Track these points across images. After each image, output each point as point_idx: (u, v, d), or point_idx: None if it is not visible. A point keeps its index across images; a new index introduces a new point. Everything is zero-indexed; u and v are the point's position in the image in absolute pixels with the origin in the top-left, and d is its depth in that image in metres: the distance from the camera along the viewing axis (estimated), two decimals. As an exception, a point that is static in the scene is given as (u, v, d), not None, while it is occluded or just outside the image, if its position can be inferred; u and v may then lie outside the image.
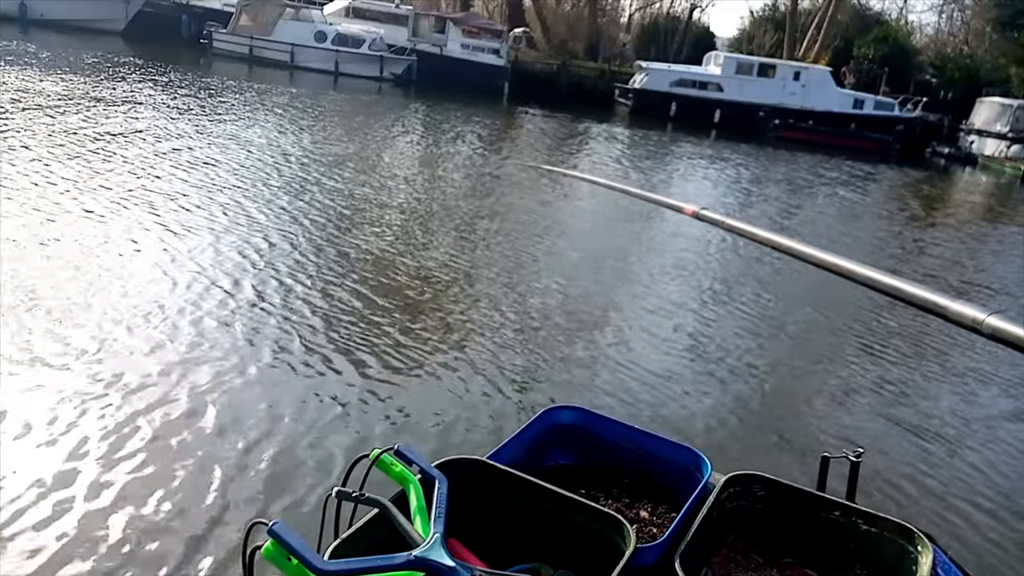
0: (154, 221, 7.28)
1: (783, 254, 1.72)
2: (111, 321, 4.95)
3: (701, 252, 8.98)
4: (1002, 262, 11.80)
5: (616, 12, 42.77)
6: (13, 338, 4.50)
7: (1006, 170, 26.05)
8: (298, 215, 8.27)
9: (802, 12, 37.71)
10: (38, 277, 5.46)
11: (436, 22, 31.64)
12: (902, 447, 4.83)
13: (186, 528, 3.15)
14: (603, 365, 5.43)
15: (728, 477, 2.01)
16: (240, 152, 11.35)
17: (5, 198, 7.16)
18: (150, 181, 8.79)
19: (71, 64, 18.70)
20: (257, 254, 6.75)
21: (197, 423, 3.92)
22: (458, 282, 6.86)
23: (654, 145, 22.07)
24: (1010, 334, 1.18)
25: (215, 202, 8.30)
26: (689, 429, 4.59)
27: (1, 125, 10.43)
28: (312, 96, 21.22)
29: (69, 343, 4.55)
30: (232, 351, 4.78)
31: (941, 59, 35.76)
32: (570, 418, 2.36)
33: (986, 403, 5.75)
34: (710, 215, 2.01)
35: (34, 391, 3.99)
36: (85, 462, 3.46)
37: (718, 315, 6.90)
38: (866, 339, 6.71)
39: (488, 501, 1.89)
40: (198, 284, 5.83)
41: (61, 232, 6.53)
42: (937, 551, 1.85)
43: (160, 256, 6.36)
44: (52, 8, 27.98)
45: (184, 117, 13.91)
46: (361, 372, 4.76)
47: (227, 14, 29.66)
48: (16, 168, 8.31)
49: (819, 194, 16.73)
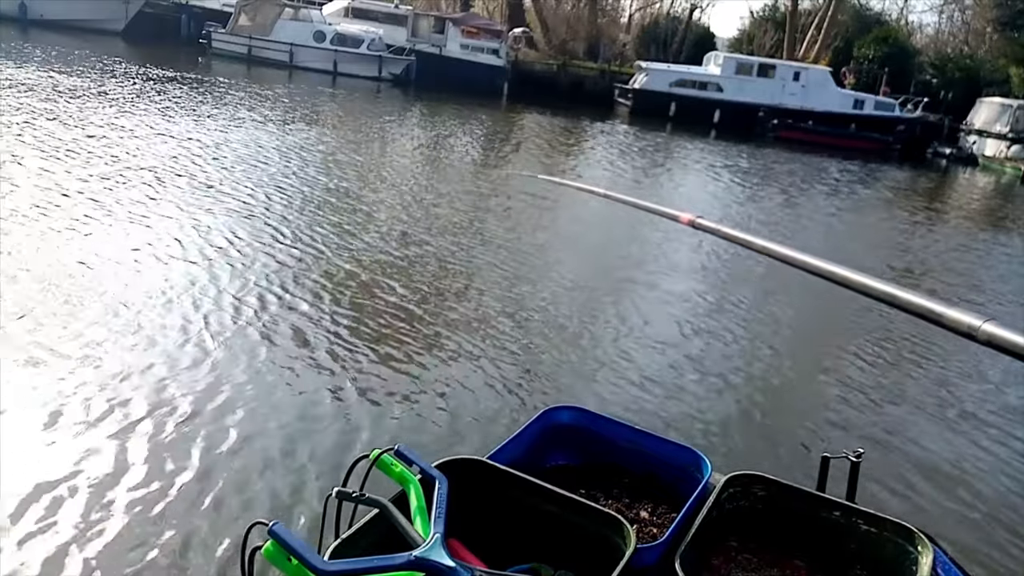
0: (152, 220, 7.28)
1: (779, 262, 1.71)
2: (108, 320, 4.95)
3: (698, 259, 8.97)
4: (1002, 264, 11.80)
5: (616, 12, 42.81)
6: (11, 334, 4.50)
7: (1006, 170, 26.05)
8: (291, 216, 8.27)
9: (802, 12, 37.70)
10: (39, 276, 5.46)
11: (435, 22, 31.63)
12: (902, 447, 4.83)
13: (185, 528, 3.14)
14: (603, 366, 5.43)
15: (728, 477, 2.01)
16: (237, 152, 11.34)
17: (4, 198, 7.16)
18: (145, 180, 8.78)
19: (70, 64, 18.69)
20: (254, 254, 6.74)
21: (197, 423, 3.92)
22: (455, 285, 6.86)
23: (654, 145, 22.06)
24: (1006, 340, 1.18)
25: (209, 201, 8.30)
26: (689, 429, 4.59)
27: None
28: (311, 96, 21.23)
29: (67, 342, 4.55)
30: (231, 351, 4.78)
31: (941, 59, 35.75)
32: (570, 418, 2.35)
33: (985, 405, 5.75)
34: (706, 223, 2.00)
35: (32, 390, 3.98)
36: (85, 462, 3.46)
37: (717, 319, 6.89)
38: (864, 343, 6.71)
39: (488, 501, 1.89)
40: (196, 284, 5.82)
41: (60, 231, 6.53)
42: (937, 551, 1.85)
43: (156, 254, 6.35)
44: (52, 8, 28.00)
45: (183, 117, 13.90)
46: (361, 373, 4.76)
47: (226, 14, 29.66)
48: (15, 167, 8.31)
49: (818, 195, 16.73)
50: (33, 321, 4.75)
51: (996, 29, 35.16)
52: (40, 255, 5.92)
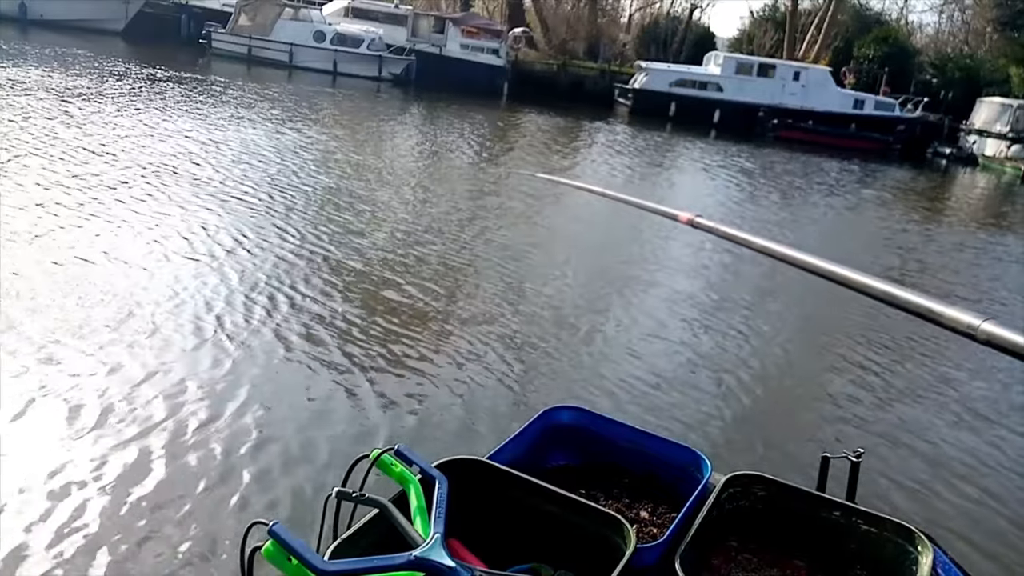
0: (154, 219, 7.28)
1: (778, 261, 1.70)
2: (105, 320, 4.95)
3: (697, 258, 8.98)
4: (1001, 264, 11.80)
5: (616, 12, 42.79)
6: (10, 330, 4.50)
7: (1006, 170, 26.05)
8: (293, 216, 8.27)
9: (802, 12, 37.69)
10: (37, 273, 5.46)
11: (435, 22, 31.63)
12: (902, 447, 4.83)
13: (185, 528, 3.14)
14: (603, 366, 5.43)
15: (728, 477, 2.01)
16: (238, 151, 11.34)
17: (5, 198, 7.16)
18: (146, 179, 8.78)
19: (70, 64, 18.69)
20: (250, 254, 6.74)
21: (196, 423, 3.92)
22: (457, 284, 6.86)
23: (654, 145, 22.06)
24: (1005, 340, 1.17)
25: (211, 200, 8.29)
26: (689, 429, 4.59)
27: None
28: (311, 96, 21.22)
29: (65, 340, 4.55)
30: (231, 352, 4.78)
31: (941, 59, 35.74)
32: (570, 418, 2.35)
33: (984, 404, 5.75)
34: (705, 222, 1.99)
35: (30, 390, 3.99)
36: (84, 462, 3.46)
37: (716, 319, 6.89)
38: (864, 343, 6.71)
39: (488, 501, 1.88)
40: (194, 283, 5.82)
41: (58, 231, 6.53)
42: (937, 551, 1.85)
43: (166, 253, 6.35)
44: (52, 8, 28.01)
45: (183, 116, 13.90)
46: (360, 373, 4.76)
47: (226, 14, 29.66)
48: (14, 168, 8.30)
49: (818, 195, 16.73)
50: (45, 319, 4.75)
51: (996, 29, 35.17)
52: (45, 253, 5.92)
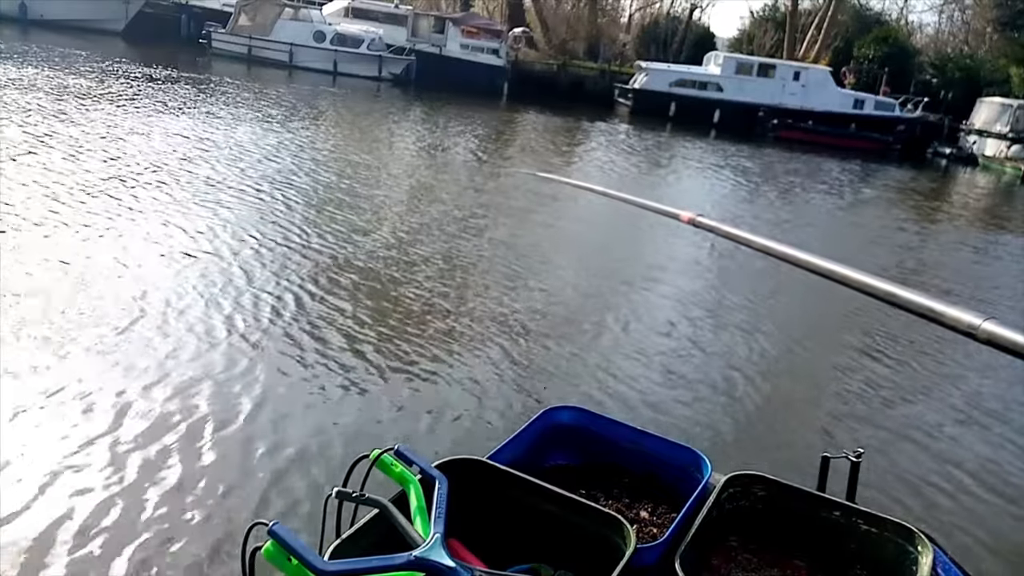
0: (157, 218, 7.28)
1: (779, 260, 1.70)
2: (117, 319, 4.95)
3: (698, 258, 8.98)
4: (1001, 263, 11.80)
5: (616, 12, 42.80)
6: (11, 329, 4.50)
7: (1006, 170, 26.05)
8: (295, 216, 8.27)
9: (802, 12, 37.70)
10: (37, 271, 5.46)
11: (435, 22, 31.63)
12: (902, 447, 4.83)
13: (185, 528, 3.14)
14: (603, 366, 5.42)
15: (728, 477, 2.01)
16: (238, 151, 11.33)
17: (4, 197, 7.16)
18: (147, 179, 8.78)
19: (70, 64, 18.69)
20: (255, 253, 6.74)
21: (196, 422, 3.92)
22: (455, 284, 6.86)
23: (654, 145, 22.06)
24: (1006, 339, 1.17)
25: (211, 200, 8.29)
26: (689, 429, 4.59)
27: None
28: (311, 95, 21.22)
29: (65, 341, 4.56)
30: (230, 352, 4.78)
31: (941, 59, 35.74)
32: (570, 418, 2.35)
33: (984, 404, 5.74)
34: (706, 222, 1.99)
35: (30, 389, 3.99)
36: (83, 462, 3.46)
37: (717, 318, 6.89)
38: (864, 342, 6.71)
39: (488, 501, 1.88)
40: (194, 283, 5.82)
41: (57, 230, 6.53)
42: (937, 551, 1.85)
43: (163, 252, 6.36)
44: (52, 8, 28.01)
45: (183, 116, 13.89)
46: (361, 374, 4.76)
47: (226, 14, 29.66)
48: (17, 167, 8.30)
49: (818, 194, 16.73)
50: (57, 319, 4.75)
51: (996, 29, 35.16)
52: (53, 252, 5.92)
